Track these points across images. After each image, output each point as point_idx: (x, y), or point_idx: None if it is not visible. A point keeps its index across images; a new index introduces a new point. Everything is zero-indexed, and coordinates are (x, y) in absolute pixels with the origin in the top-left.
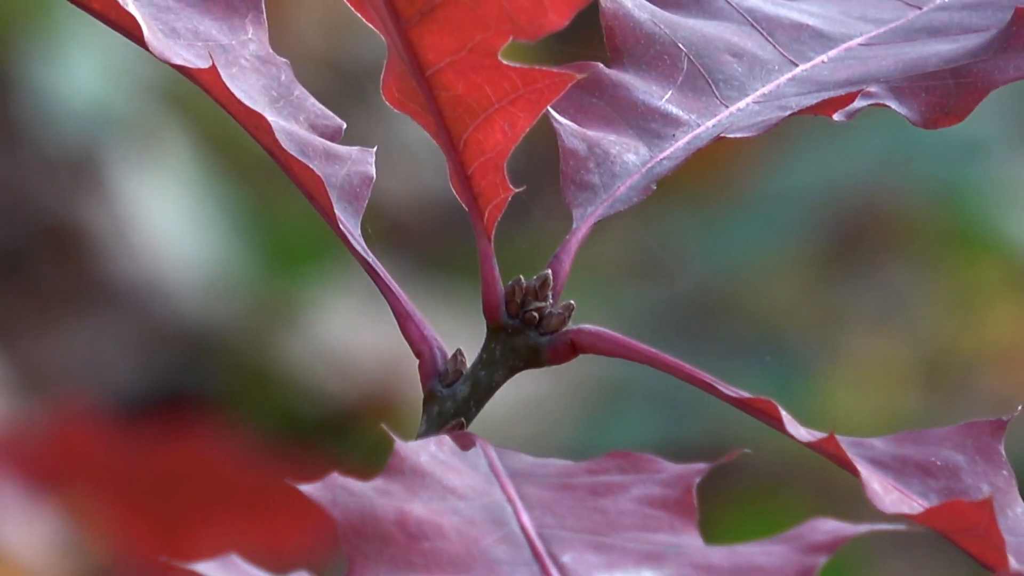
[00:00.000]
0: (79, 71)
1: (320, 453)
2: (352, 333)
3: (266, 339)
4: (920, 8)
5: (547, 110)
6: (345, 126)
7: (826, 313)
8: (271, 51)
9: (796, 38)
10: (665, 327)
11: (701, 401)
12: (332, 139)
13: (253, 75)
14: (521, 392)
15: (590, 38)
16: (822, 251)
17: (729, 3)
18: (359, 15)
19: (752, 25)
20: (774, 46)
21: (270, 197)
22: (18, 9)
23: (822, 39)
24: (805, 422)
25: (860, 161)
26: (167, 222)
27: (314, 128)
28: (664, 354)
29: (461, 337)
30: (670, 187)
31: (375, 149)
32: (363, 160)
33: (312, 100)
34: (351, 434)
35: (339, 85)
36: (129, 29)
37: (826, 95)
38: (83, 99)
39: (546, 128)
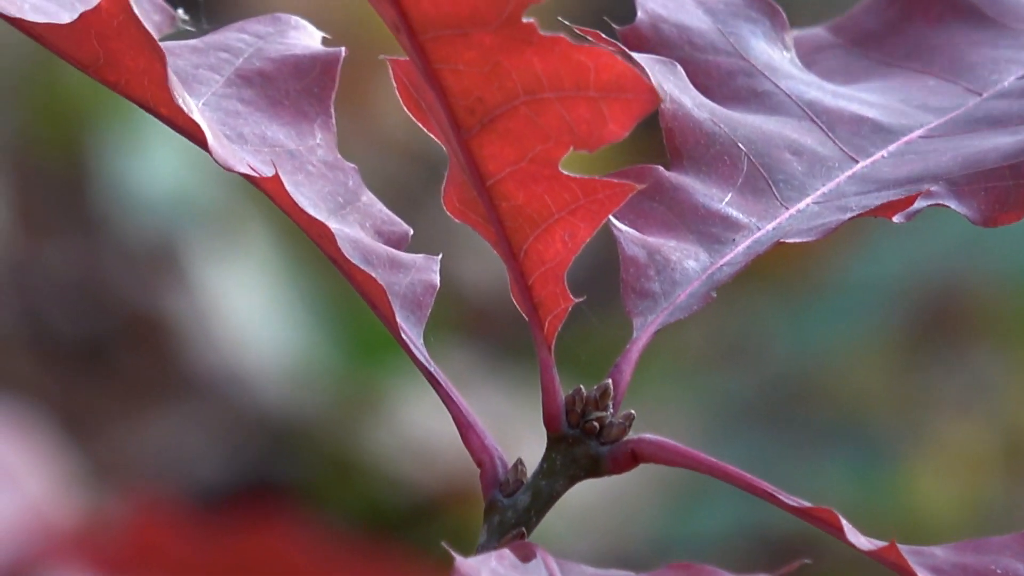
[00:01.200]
0: (159, 161)
1: (402, 543)
2: (434, 423)
3: (348, 429)
4: (980, 94)
5: (607, 218)
6: (412, 232)
7: (909, 399)
8: (339, 156)
9: (856, 132)
10: (748, 413)
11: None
12: (398, 245)
13: (320, 181)
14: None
15: (649, 137)
16: (904, 337)
17: (789, 97)
18: (421, 125)
19: (812, 120)
20: (834, 141)
21: (352, 287)
22: (97, 99)
23: (882, 132)
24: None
25: (940, 246)
26: (248, 312)
27: (380, 234)
28: (726, 464)
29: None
30: (753, 273)
31: (440, 256)
32: (428, 268)
33: (380, 206)
34: (433, 524)
35: (420, 173)
36: (196, 135)
37: (886, 195)
38: (163, 189)
39: (605, 232)
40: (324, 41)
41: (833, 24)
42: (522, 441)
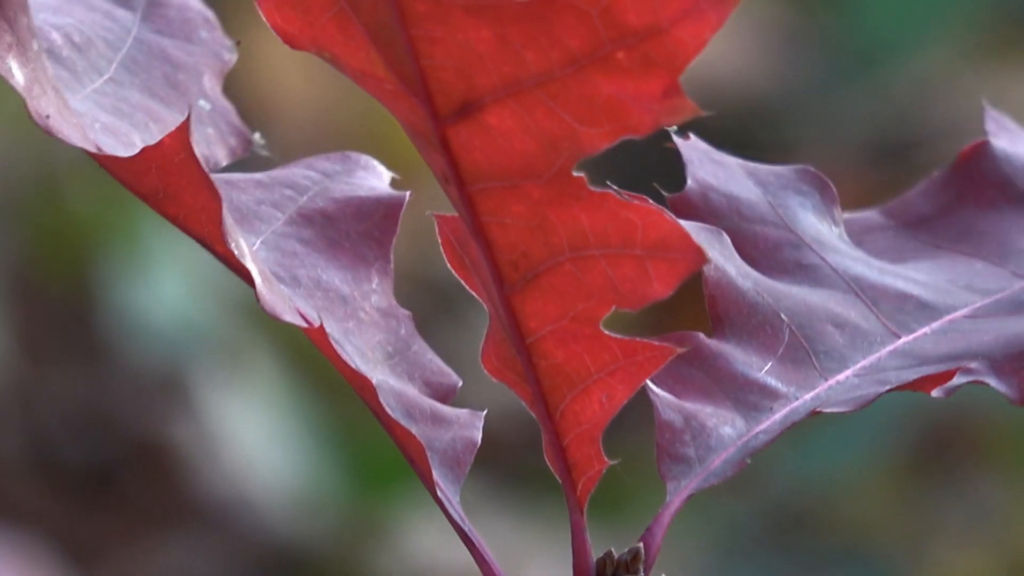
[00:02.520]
0: (164, 288)
1: None
2: (441, 551)
3: (355, 556)
4: None
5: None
6: (461, 383)
7: (913, 526)
8: (394, 302)
9: (900, 308)
10: (754, 539)
11: None
12: (446, 398)
13: (371, 329)
14: None
15: (693, 302)
16: (908, 464)
17: (835, 271)
18: (464, 283)
19: (857, 295)
20: (877, 317)
21: (358, 414)
22: (103, 226)
23: (926, 310)
24: None
25: None
26: (255, 439)
27: (428, 385)
28: None
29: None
30: None
31: (485, 412)
32: (471, 425)
33: (431, 355)
34: None
35: (427, 299)
36: (247, 277)
37: (926, 370)
38: (169, 316)
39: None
40: (392, 183)
41: (886, 207)
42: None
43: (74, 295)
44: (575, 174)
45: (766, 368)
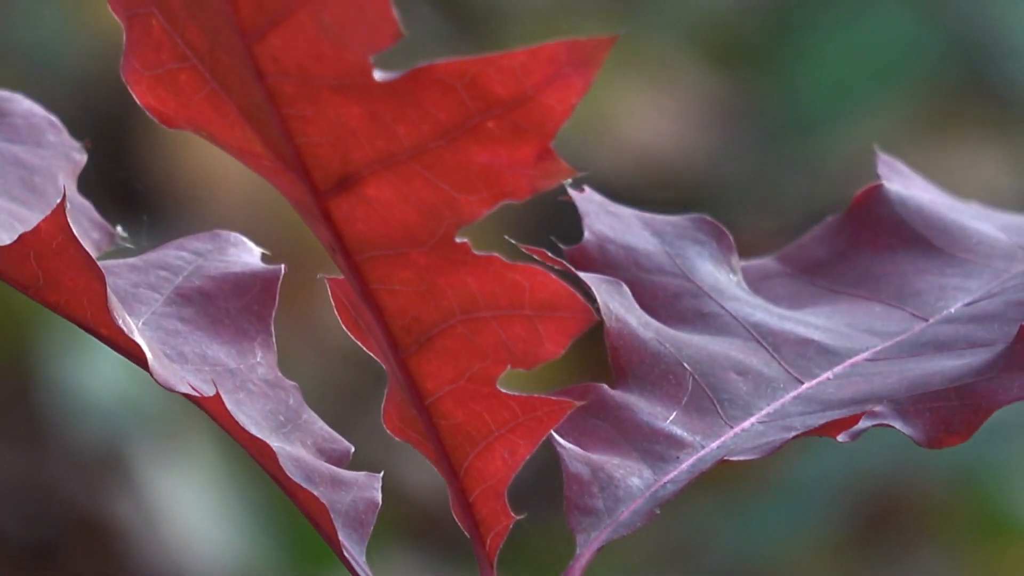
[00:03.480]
0: (103, 365)
1: None
2: None
3: None
4: (927, 320)
5: (550, 434)
6: (353, 450)
7: None
8: (279, 375)
9: (802, 354)
10: None
11: None
12: (340, 463)
13: (261, 400)
14: None
15: (595, 353)
16: (850, 536)
17: (735, 318)
18: (359, 343)
19: (758, 341)
20: (779, 363)
21: None
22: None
23: (828, 355)
24: None
25: (885, 445)
26: (195, 515)
27: (322, 452)
28: None
29: None
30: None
31: (382, 474)
32: (369, 486)
33: (321, 424)
34: None
35: (363, 377)
36: (136, 356)
37: (831, 415)
38: (108, 393)
39: (548, 446)
40: (264, 258)
41: (781, 253)
42: None
43: (13, 371)
44: (458, 240)
45: (671, 417)
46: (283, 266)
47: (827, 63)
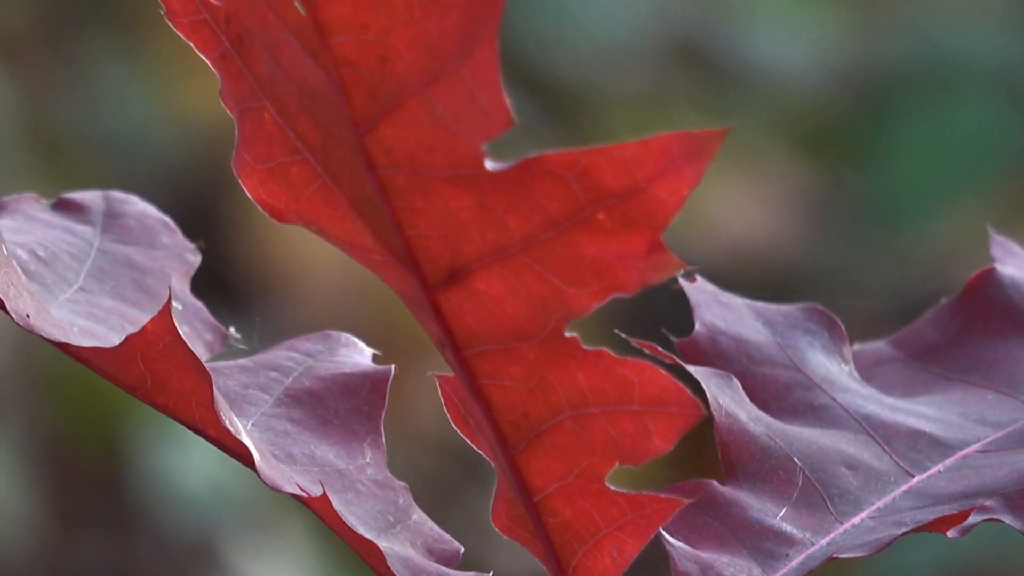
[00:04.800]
0: (195, 454)
1: None
2: None
3: None
4: None
5: (659, 531)
6: (463, 550)
7: None
8: (389, 475)
9: (913, 446)
10: None
11: None
12: (450, 563)
13: (370, 500)
14: None
15: (704, 448)
16: None
17: (846, 411)
18: (469, 442)
19: (869, 434)
20: (890, 456)
21: None
22: None
23: (939, 447)
24: None
25: (993, 537)
26: None
27: (431, 553)
28: None
29: None
30: None
31: (491, 574)
32: None
33: (430, 524)
34: None
35: (455, 467)
36: (244, 456)
37: (941, 510)
38: (200, 482)
39: (656, 544)
40: (374, 358)
41: (895, 337)
42: None
43: (105, 461)
44: (568, 334)
45: (781, 514)
46: (393, 366)
47: (915, 151)
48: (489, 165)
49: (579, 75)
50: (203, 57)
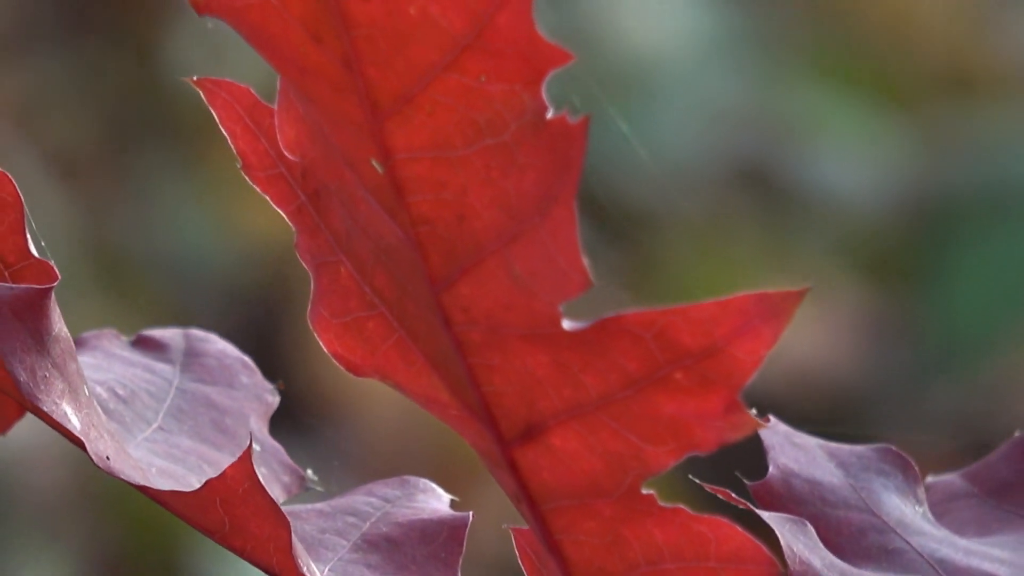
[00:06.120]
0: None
1: None
2: None
3: None
4: None
5: None
6: None
7: None
8: None
9: None
10: None
11: None
12: None
13: None
14: None
15: None
16: None
17: (920, 555)
18: None
19: None
20: None
21: None
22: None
23: None
24: None
25: None
26: None
27: None
28: None
29: None
30: None
31: None
32: None
33: None
34: None
35: None
36: None
37: None
38: None
39: None
40: (452, 504)
41: (968, 471)
42: None
43: None
44: (645, 491)
45: None
46: (471, 513)
47: (980, 277)
48: (566, 325)
49: (641, 197)
50: (279, 211)
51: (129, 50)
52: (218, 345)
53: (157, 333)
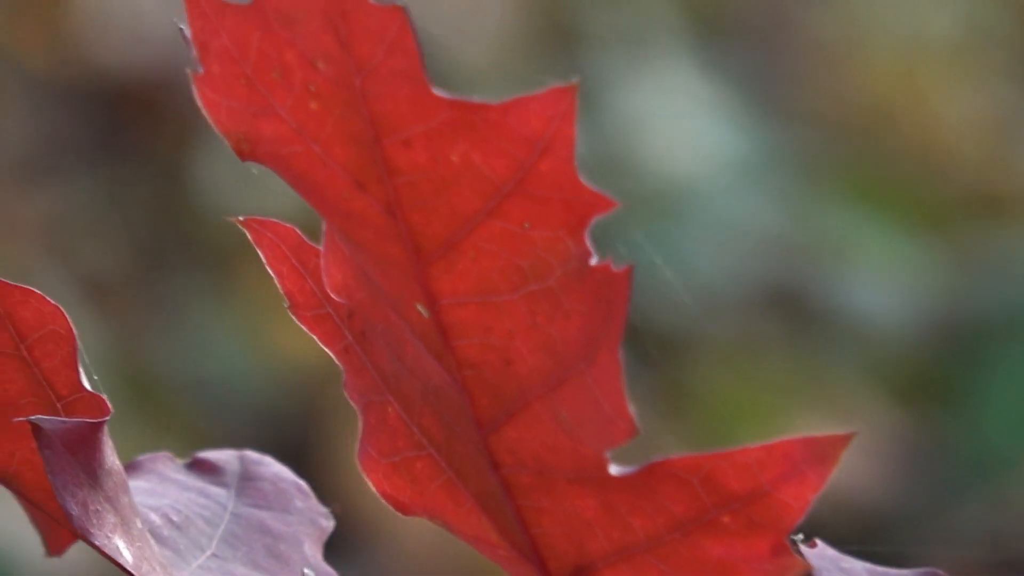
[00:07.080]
0: None
1: None
2: None
3: None
4: None
5: None
6: None
7: None
8: None
9: None
10: None
11: None
12: None
13: None
14: None
15: None
16: None
17: None
18: None
19: None
20: None
21: None
22: None
23: None
24: None
25: None
26: None
27: None
28: None
29: None
30: None
31: None
32: None
33: None
34: None
35: None
36: None
37: None
38: None
39: None
40: None
41: None
42: None
43: None
44: None
45: None
46: None
47: (1010, 398)
48: (613, 470)
49: (673, 320)
50: (327, 350)
51: (158, 172)
52: (273, 468)
53: (212, 455)
